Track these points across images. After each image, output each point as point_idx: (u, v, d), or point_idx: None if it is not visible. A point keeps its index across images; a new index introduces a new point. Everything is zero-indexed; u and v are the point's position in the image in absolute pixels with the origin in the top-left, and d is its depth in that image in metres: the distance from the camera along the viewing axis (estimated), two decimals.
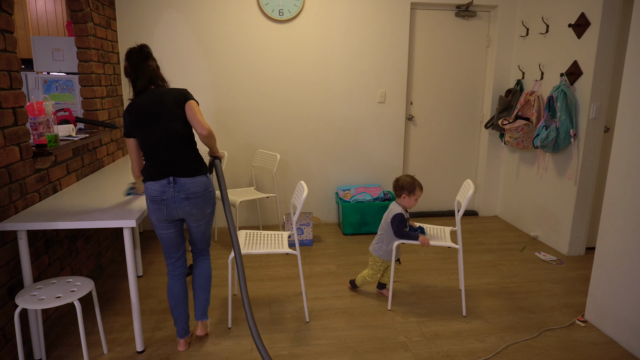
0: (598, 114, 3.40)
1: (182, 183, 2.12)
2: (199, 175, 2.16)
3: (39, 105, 2.53)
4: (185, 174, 2.12)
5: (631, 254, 2.40)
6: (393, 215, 2.70)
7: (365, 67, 4.20)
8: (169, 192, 2.11)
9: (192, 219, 2.23)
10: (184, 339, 2.39)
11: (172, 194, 2.11)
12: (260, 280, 3.21)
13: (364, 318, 2.72)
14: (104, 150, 3.49)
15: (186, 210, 2.17)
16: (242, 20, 3.96)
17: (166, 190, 2.11)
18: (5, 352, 2.14)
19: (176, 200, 2.12)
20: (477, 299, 2.95)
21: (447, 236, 2.89)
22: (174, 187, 2.11)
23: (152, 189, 2.12)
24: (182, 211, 2.16)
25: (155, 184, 2.11)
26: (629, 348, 2.42)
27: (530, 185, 4.12)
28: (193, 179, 2.14)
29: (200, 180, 2.16)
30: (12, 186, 2.20)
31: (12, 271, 2.20)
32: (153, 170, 2.12)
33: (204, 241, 2.38)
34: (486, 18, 4.37)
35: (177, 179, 2.11)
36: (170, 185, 2.11)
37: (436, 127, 4.53)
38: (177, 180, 2.11)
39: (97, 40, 3.41)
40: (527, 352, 2.39)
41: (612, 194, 2.53)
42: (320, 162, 4.35)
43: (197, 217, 2.23)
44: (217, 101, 4.09)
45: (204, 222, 2.29)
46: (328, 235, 4.16)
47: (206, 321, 2.48)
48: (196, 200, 2.16)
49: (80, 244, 3.00)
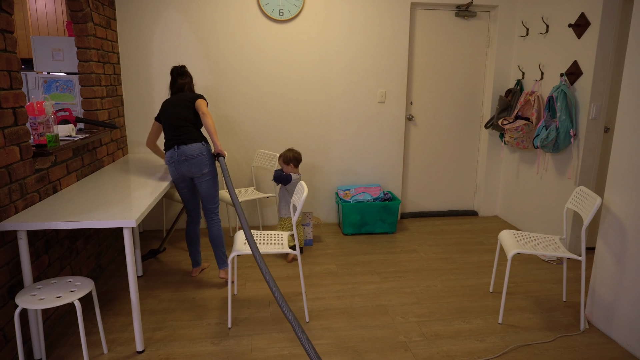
0: (598, 114, 3.40)
1: (182, 149, 2.91)
2: (194, 142, 2.92)
3: (39, 105, 2.53)
4: (185, 143, 2.92)
5: (631, 254, 2.40)
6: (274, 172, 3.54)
7: (365, 67, 4.20)
8: (174, 156, 2.91)
9: (195, 177, 2.98)
10: (195, 268, 3.27)
11: (176, 157, 2.91)
12: (260, 280, 3.21)
13: (364, 318, 2.72)
14: (104, 150, 3.49)
15: (188, 169, 2.93)
16: (242, 20, 3.96)
17: (173, 155, 2.92)
18: (5, 352, 2.14)
19: (180, 161, 2.92)
20: (477, 299, 2.95)
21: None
22: (177, 152, 2.91)
23: (167, 155, 2.96)
24: (185, 169, 2.92)
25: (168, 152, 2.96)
26: (629, 348, 2.42)
27: (530, 185, 4.12)
28: (189, 145, 2.91)
29: (195, 146, 2.91)
30: (12, 186, 2.20)
31: (12, 271, 2.20)
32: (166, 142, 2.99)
33: (208, 200, 3.04)
34: (486, 18, 4.37)
35: (179, 147, 2.92)
36: (175, 151, 2.92)
37: (436, 127, 4.53)
38: (179, 147, 2.91)
39: (97, 40, 3.41)
40: (527, 352, 2.39)
41: (612, 193, 2.53)
42: (320, 162, 4.35)
43: (197, 175, 2.96)
44: (217, 101, 4.09)
45: (204, 180, 2.98)
46: (328, 235, 4.16)
47: (226, 268, 3.15)
48: (192, 160, 2.90)
49: (80, 244, 3.00)
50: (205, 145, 2.96)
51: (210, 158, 2.98)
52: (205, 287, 3.11)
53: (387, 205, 4.07)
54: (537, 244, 2.72)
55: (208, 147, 2.98)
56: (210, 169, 2.98)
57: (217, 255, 3.13)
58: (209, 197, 3.05)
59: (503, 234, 2.86)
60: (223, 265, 3.15)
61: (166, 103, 3.03)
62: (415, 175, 4.62)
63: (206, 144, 2.97)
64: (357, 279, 3.25)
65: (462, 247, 3.87)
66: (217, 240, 3.10)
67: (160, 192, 2.66)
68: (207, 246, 3.86)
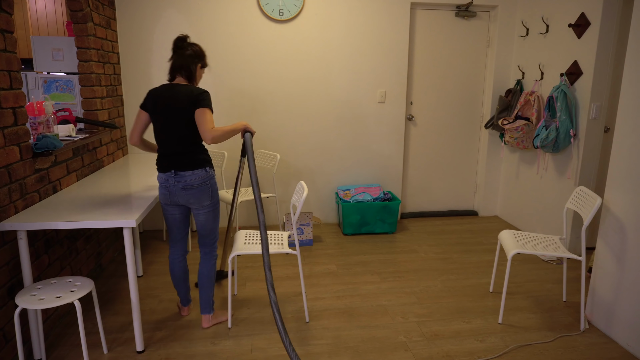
0: (598, 114, 3.40)
1: (182, 176, 2.35)
2: (197, 168, 2.35)
3: (39, 105, 2.53)
4: (186, 167, 2.34)
5: (631, 254, 2.40)
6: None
7: (365, 67, 4.20)
8: (170, 182, 2.37)
9: (192, 208, 2.45)
10: (186, 306, 2.73)
11: (173, 183, 2.37)
12: (260, 280, 3.21)
13: (364, 318, 2.72)
14: (104, 150, 3.49)
15: (185, 199, 2.39)
16: (242, 20, 3.96)
17: (169, 179, 2.37)
18: (5, 352, 2.14)
19: (176, 189, 2.37)
20: (477, 299, 2.95)
21: None
22: (175, 178, 2.35)
23: (160, 177, 2.41)
24: (182, 199, 2.39)
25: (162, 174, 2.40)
26: (629, 348, 2.42)
27: (530, 185, 4.12)
28: (192, 172, 2.35)
29: (198, 173, 2.36)
30: (12, 186, 2.20)
31: (12, 271, 2.20)
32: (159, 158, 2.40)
33: (204, 233, 2.51)
34: (486, 18, 4.37)
35: (177, 172, 2.35)
36: (172, 176, 2.36)
37: (436, 127, 4.53)
38: (178, 172, 2.35)
39: (97, 40, 3.41)
40: (527, 352, 2.39)
41: (612, 193, 2.53)
42: (320, 162, 4.35)
43: (195, 206, 2.43)
44: (217, 101, 4.09)
45: (202, 212, 2.44)
46: (328, 235, 4.16)
47: (209, 315, 2.59)
48: (193, 191, 2.37)
49: (80, 244, 3.00)
50: (210, 171, 2.40)
51: (213, 186, 2.44)
52: None
53: (387, 205, 4.07)
54: (537, 244, 2.72)
55: (213, 172, 2.44)
56: (212, 200, 2.44)
57: (204, 299, 2.56)
58: (205, 229, 2.50)
59: (503, 234, 2.86)
60: (209, 311, 2.58)
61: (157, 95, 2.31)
62: (415, 175, 4.62)
63: (211, 168, 2.42)
64: (357, 279, 3.25)
65: (462, 247, 3.87)
66: (205, 281, 2.54)
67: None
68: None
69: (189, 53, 2.36)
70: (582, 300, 2.58)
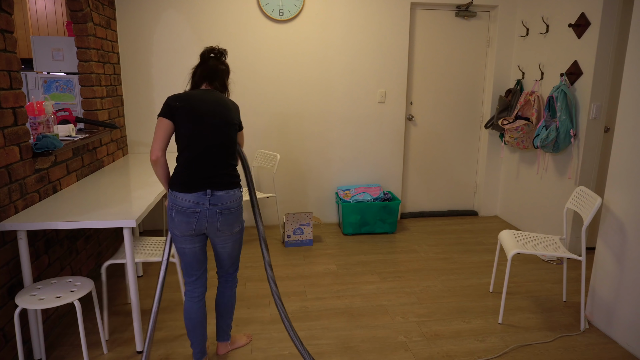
0: (598, 114, 3.40)
1: (219, 196, 1.97)
2: (235, 187, 2.02)
3: (39, 105, 2.53)
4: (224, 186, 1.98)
5: (631, 254, 2.40)
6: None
7: (365, 67, 4.20)
8: (203, 205, 1.95)
9: (219, 237, 2.05)
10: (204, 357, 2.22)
11: (207, 206, 1.95)
12: (260, 280, 3.21)
13: (364, 318, 2.72)
14: (104, 150, 3.49)
15: (216, 226, 1.99)
16: (242, 20, 3.96)
17: (201, 201, 1.94)
18: (5, 352, 2.14)
19: (210, 214, 1.96)
20: (477, 299, 2.95)
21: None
22: (210, 200, 1.95)
23: (185, 198, 1.94)
24: (212, 226, 1.99)
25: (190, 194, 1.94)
26: (629, 348, 2.42)
27: (530, 185, 4.12)
28: (230, 192, 1.99)
29: (236, 193, 2.02)
30: (12, 186, 2.20)
31: (12, 271, 2.20)
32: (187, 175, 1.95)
33: (230, 263, 2.18)
34: (486, 18, 4.37)
35: (214, 192, 1.96)
36: (206, 197, 1.94)
37: (436, 127, 4.53)
38: (215, 192, 1.96)
39: (97, 40, 3.41)
40: (527, 352, 2.39)
41: (612, 193, 2.53)
42: (320, 162, 4.35)
43: (225, 234, 2.04)
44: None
45: (230, 241, 2.09)
46: (328, 235, 4.16)
47: (226, 342, 2.35)
48: (229, 216, 2.00)
49: (80, 244, 3.00)
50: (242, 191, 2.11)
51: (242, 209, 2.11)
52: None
53: (387, 205, 4.07)
54: (537, 244, 2.72)
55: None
56: (242, 226, 2.14)
57: (221, 326, 2.30)
58: (232, 258, 2.18)
59: (503, 234, 2.86)
60: (225, 338, 2.34)
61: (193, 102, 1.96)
62: (415, 175, 4.62)
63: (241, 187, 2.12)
64: (357, 279, 3.25)
65: (462, 247, 3.87)
66: (227, 309, 2.26)
67: (161, 192, 2.66)
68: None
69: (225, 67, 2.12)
70: (582, 300, 2.58)
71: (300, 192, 4.39)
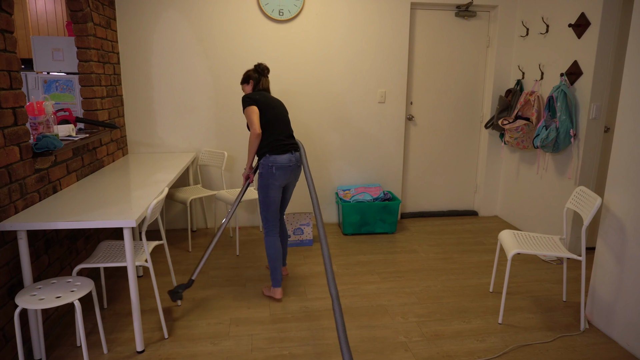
0: (598, 114, 3.40)
1: (297, 155, 2.89)
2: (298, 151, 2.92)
3: (39, 105, 2.53)
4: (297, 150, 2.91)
5: (631, 254, 2.40)
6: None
7: (365, 67, 4.20)
8: (292, 161, 2.84)
9: (292, 184, 2.99)
10: (279, 287, 2.93)
11: (294, 162, 2.86)
12: (260, 281, 3.21)
13: (364, 318, 2.72)
14: (104, 150, 3.49)
15: (296, 175, 2.95)
16: (242, 20, 3.96)
17: (291, 159, 2.84)
18: (5, 352, 2.14)
19: (294, 168, 2.88)
20: (477, 299, 2.95)
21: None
22: (294, 157, 2.86)
23: (282, 157, 2.81)
24: (294, 176, 2.92)
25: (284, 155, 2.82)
26: (629, 348, 2.42)
27: (530, 185, 4.12)
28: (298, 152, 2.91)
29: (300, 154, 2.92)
30: (12, 186, 2.20)
31: (12, 271, 2.20)
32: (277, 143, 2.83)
33: (286, 204, 3.10)
34: (486, 18, 4.37)
35: (295, 152, 2.88)
36: (292, 156, 2.85)
37: (436, 127, 4.53)
38: (295, 153, 2.88)
39: (97, 40, 3.41)
40: (527, 352, 2.39)
41: (612, 193, 2.53)
42: (320, 162, 4.35)
43: (294, 182, 2.99)
44: (218, 101, 4.09)
45: (292, 186, 3.01)
46: (328, 235, 4.16)
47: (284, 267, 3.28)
48: (298, 169, 2.92)
49: (80, 244, 3.00)
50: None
51: None
52: (205, 287, 3.11)
53: (387, 205, 4.07)
54: (537, 244, 2.72)
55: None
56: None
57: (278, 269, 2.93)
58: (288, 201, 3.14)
59: (503, 234, 2.86)
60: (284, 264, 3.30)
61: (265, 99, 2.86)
62: (415, 175, 4.62)
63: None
64: (357, 279, 3.25)
65: (462, 247, 3.87)
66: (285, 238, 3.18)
67: (160, 192, 2.66)
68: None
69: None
70: (582, 300, 2.58)
71: (300, 192, 4.39)
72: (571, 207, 2.77)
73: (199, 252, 3.73)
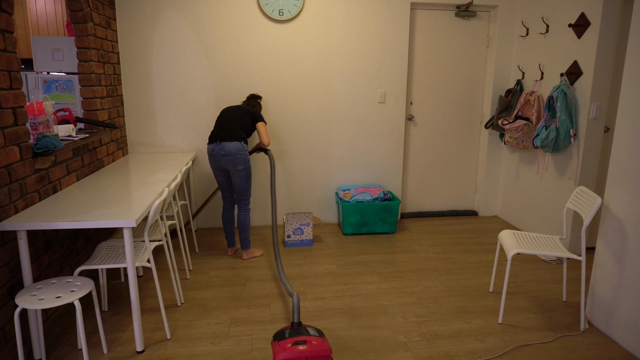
0: (598, 114, 3.40)
1: (223, 144, 3.30)
2: (235, 141, 3.30)
3: (39, 105, 2.53)
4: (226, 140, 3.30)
5: (631, 254, 2.40)
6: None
7: (365, 67, 4.21)
8: (215, 150, 3.32)
9: (231, 172, 3.36)
10: (230, 248, 3.65)
11: (217, 150, 3.31)
12: (260, 281, 3.21)
13: (364, 318, 2.72)
14: (104, 150, 3.49)
15: (225, 164, 3.33)
16: (242, 20, 3.96)
17: (214, 148, 3.33)
18: (5, 352, 2.14)
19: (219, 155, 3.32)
20: (477, 299, 2.95)
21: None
22: (218, 147, 3.30)
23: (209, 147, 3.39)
24: (223, 164, 3.34)
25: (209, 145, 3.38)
26: (629, 348, 2.42)
27: (530, 185, 4.12)
28: (230, 143, 3.29)
29: (235, 144, 3.29)
30: (12, 186, 2.20)
31: (12, 271, 2.20)
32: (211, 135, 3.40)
33: (239, 192, 3.43)
34: (486, 18, 4.37)
35: (221, 143, 3.30)
36: (217, 145, 3.31)
37: (436, 127, 4.53)
38: (221, 143, 3.30)
39: (97, 40, 3.41)
40: (527, 352, 2.39)
41: (612, 193, 2.53)
42: (320, 162, 4.35)
43: (232, 170, 3.34)
44: (217, 101, 4.09)
45: (237, 175, 3.35)
46: (328, 235, 4.16)
47: (248, 250, 3.58)
48: (230, 157, 3.29)
49: (80, 244, 3.00)
50: (243, 145, 3.32)
51: (246, 158, 3.34)
52: (205, 287, 3.11)
53: (387, 205, 4.07)
54: (537, 244, 2.72)
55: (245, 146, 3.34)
56: (244, 166, 3.35)
57: (242, 239, 3.54)
58: (240, 189, 3.43)
59: (503, 234, 2.86)
60: (245, 248, 3.57)
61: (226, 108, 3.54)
62: (415, 175, 4.62)
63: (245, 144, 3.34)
64: (357, 279, 3.25)
65: (462, 247, 3.87)
66: (240, 225, 3.50)
67: (160, 191, 2.66)
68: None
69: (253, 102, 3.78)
70: (582, 300, 2.58)
71: (300, 192, 4.39)
72: (571, 207, 2.77)
73: (202, 251, 3.73)
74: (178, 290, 2.94)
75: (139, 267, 3.25)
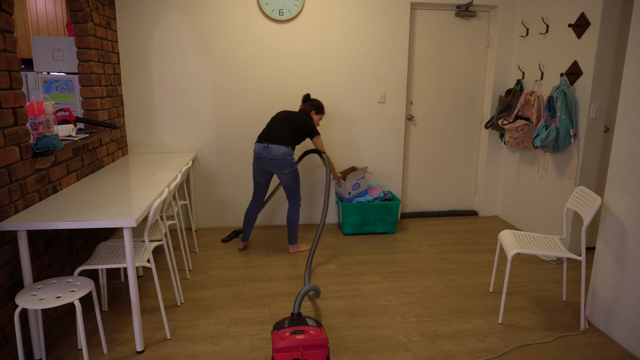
0: (598, 114, 3.40)
1: (270, 148, 3.37)
2: (283, 145, 3.37)
3: (39, 105, 2.53)
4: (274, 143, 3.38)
5: (631, 254, 2.40)
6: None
7: (365, 67, 4.21)
8: (262, 153, 3.40)
9: (277, 174, 3.45)
10: (243, 243, 3.77)
11: (264, 154, 3.39)
12: (260, 280, 3.22)
13: (364, 318, 2.72)
14: (104, 150, 3.49)
15: (271, 168, 3.42)
16: (242, 21, 3.96)
17: (261, 151, 3.41)
18: (5, 352, 2.14)
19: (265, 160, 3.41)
20: (478, 299, 2.95)
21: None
22: (265, 150, 3.39)
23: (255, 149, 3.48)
24: (269, 167, 3.43)
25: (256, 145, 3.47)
26: (629, 348, 2.42)
27: (530, 185, 4.12)
28: (279, 147, 3.36)
29: (282, 149, 3.36)
30: (12, 186, 2.20)
31: (12, 271, 2.20)
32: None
33: (288, 191, 3.52)
34: (486, 18, 4.37)
35: (268, 145, 3.38)
36: (264, 149, 3.39)
37: (436, 127, 4.53)
38: (268, 145, 3.38)
39: (97, 40, 3.41)
40: (527, 352, 2.39)
41: (612, 193, 2.53)
42: (320, 162, 4.35)
43: (279, 173, 3.43)
44: (218, 101, 4.09)
45: (285, 178, 3.45)
46: (328, 235, 4.16)
47: (294, 245, 3.69)
48: (276, 161, 3.38)
49: (80, 244, 3.00)
50: (289, 150, 3.39)
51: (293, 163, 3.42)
52: (205, 287, 3.11)
53: (387, 205, 4.07)
54: (537, 244, 2.72)
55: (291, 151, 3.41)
56: (290, 169, 3.42)
57: (290, 235, 3.65)
58: (288, 189, 3.52)
59: (503, 234, 2.86)
60: (292, 242, 3.68)
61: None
62: (415, 175, 4.62)
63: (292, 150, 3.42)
64: (357, 279, 3.25)
65: (462, 247, 3.87)
66: (288, 222, 3.61)
67: (160, 191, 2.66)
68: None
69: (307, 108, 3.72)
70: (582, 300, 2.58)
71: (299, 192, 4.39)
72: (571, 207, 2.77)
73: (202, 252, 3.73)
74: (178, 290, 2.94)
75: (139, 267, 3.25)
